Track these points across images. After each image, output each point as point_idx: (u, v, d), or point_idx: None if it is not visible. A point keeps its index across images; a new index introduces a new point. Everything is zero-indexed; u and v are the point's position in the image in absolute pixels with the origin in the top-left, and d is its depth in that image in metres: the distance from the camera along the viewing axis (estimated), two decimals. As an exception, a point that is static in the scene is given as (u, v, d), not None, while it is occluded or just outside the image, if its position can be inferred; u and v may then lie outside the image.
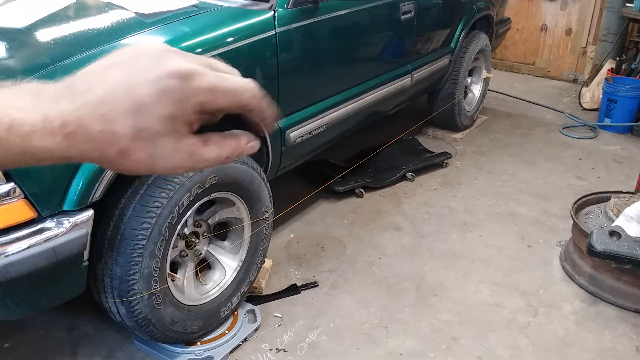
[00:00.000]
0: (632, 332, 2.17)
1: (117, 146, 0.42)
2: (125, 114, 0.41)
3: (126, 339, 2.02)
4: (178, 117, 0.42)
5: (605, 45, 4.75)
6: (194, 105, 0.43)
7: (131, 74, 0.42)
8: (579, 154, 3.77)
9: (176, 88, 0.42)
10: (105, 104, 0.41)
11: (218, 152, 0.46)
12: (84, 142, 0.41)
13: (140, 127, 0.41)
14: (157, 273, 1.72)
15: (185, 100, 0.42)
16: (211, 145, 0.46)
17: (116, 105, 0.41)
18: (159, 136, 0.42)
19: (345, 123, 2.67)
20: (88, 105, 0.41)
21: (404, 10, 2.89)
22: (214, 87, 0.43)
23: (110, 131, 0.41)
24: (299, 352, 2.01)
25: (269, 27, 2.08)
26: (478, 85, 4.15)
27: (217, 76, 0.44)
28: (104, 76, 0.42)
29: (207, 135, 0.46)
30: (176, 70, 0.42)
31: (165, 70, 0.42)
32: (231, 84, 0.44)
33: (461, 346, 2.07)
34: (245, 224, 2.04)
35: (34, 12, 1.93)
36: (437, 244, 2.70)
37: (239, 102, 0.45)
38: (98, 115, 0.41)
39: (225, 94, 0.44)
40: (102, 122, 0.41)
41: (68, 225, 1.48)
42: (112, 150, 0.42)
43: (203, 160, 0.45)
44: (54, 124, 0.40)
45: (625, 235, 2.14)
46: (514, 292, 2.37)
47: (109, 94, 0.41)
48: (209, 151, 0.46)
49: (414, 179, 3.28)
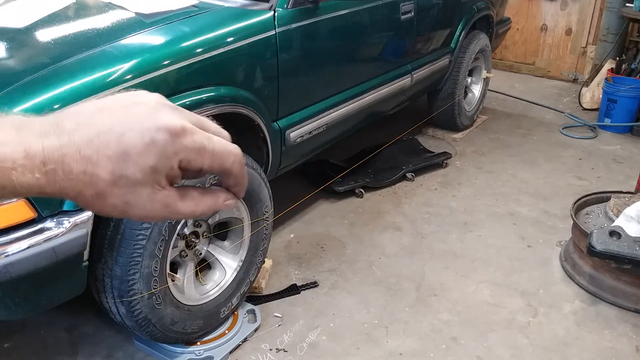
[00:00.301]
0: (632, 332, 2.17)
1: (95, 189, 0.42)
2: (109, 159, 0.42)
3: (126, 339, 2.02)
4: (160, 170, 0.43)
5: (605, 45, 4.75)
6: (179, 162, 0.43)
7: (123, 121, 0.42)
8: (579, 154, 3.77)
9: (164, 142, 0.42)
10: (92, 146, 0.41)
11: (194, 208, 0.47)
12: (63, 180, 0.42)
13: (121, 174, 0.42)
14: (157, 273, 1.72)
15: (172, 155, 0.43)
16: (188, 200, 0.46)
17: (102, 149, 0.41)
18: (137, 185, 0.43)
19: (345, 123, 2.67)
20: (73, 145, 0.41)
21: (404, 10, 2.90)
22: (202, 147, 0.44)
23: (92, 173, 0.42)
24: (299, 352, 2.01)
25: (269, 27, 2.08)
26: (478, 85, 4.15)
27: (207, 137, 0.45)
28: (95, 118, 0.43)
29: (186, 189, 0.47)
30: (167, 125, 0.42)
31: (157, 123, 0.42)
32: (219, 147, 0.45)
33: (461, 346, 2.07)
34: (245, 224, 2.04)
35: (34, 12, 1.93)
36: (437, 244, 2.70)
37: (222, 166, 0.46)
38: (82, 156, 0.41)
39: (212, 155, 0.45)
40: (84, 163, 0.41)
41: (68, 225, 1.48)
42: (90, 192, 0.42)
43: (177, 213, 0.46)
44: (36, 161, 0.41)
45: (625, 235, 2.14)
46: (514, 292, 2.37)
47: (97, 137, 0.42)
48: (185, 205, 0.46)
49: (414, 179, 3.28)
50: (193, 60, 1.79)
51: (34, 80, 1.52)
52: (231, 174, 0.47)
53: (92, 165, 0.41)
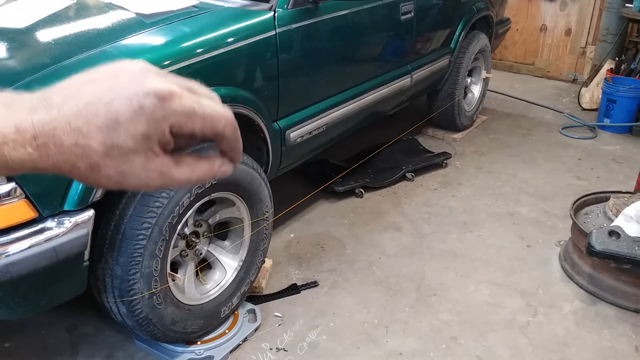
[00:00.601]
0: (632, 331, 2.17)
1: (88, 160, 0.42)
2: (99, 129, 0.41)
3: (127, 339, 2.02)
4: (152, 136, 0.42)
5: (604, 45, 4.75)
6: (170, 127, 0.43)
7: (110, 90, 0.42)
8: (579, 154, 3.77)
9: (153, 107, 0.42)
10: (81, 117, 0.41)
11: (189, 174, 0.46)
12: (56, 154, 0.41)
13: (112, 144, 0.41)
14: (157, 273, 1.72)
15: (161, 120, 0.42)
16: (183, 167, 0.46)
17: (91, 119, 0.41)
18: (130, 154, 0.42)
19: (345, 123, 2.67)
20: (63, 118, 0.41)
21: (404, 10, 2.90)
22: (191, 111, 0.43)
23: (83, 145, 0.41)
24: (299, 352, 2.01)
25: (269, 27, 2.08)
26: (478, 85, 4.16)
27: (196, 100, 0.44)
28: (82, 90, 0.42)
29: (181, 155, 0.46)
30: (155, 90, 0.42)
31: (144, 89, 0.42)
32: (209, 110, 0.44)
33: (461, 346, 2.07)
34: (246, 224, 2.05)
35: (34, 12, 1.93)
36: (437, 244, 2.70)
37: (214, 129, 0.45)
38: (72, 129, 0.41)
39: (202, 119, 0.44)
40: (75, 135, 0.41)
41: (69, 225, 1.48)
42: (83, 164, 0.42)
43: (173, 180, 0.45)
44: (26, 135, 0.40)
45: (624, 235, 2.14)
46: (513, 292, 2.38)
47: (85, 108, 0.41)
48: (180, 172, 0.46)
49: (413, 179, 3.28)
50: (193, 61, 1.79)
51: (34, 80, 1.52)
52: (224, 138, 0.46)
53: (83, 137, 0.41)
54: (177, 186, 0.46)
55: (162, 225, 1.69)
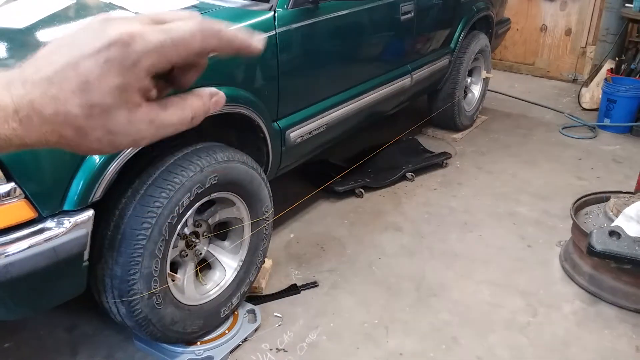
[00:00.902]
0: (632, 332, 2.17)
1: (72, 126, 0.40)
2: (73, 93, 0.40)
3: (126, 339, 2.02)
4: (128, 86, 0.40)
5: (604, 45, 4.75)
6: (143, 70, 0.40)
7: (74, 51, 0.40)
8: (579, 154, 3.77)
9: (119, 56, 0.39)
10: (53, 84, 0.40)
11: (181, 114, 0.43)
12: (41, 125, 0.40)
13: (90, 104, 0.40)
14: (157, 273, 1.72)
15: (131, 66, 0.40)
16: (171, 108, 0.43)
17: (64, 84, 0.40)
18: (111, 110, 0.40)
19: (345, 123, 2.67)
20: (37, 88, 0.40)
21: (404, 10, 2.90)
22: (159, 43, 0.40)
23: (63, 112, 0.40)
24: (299, 352, 2.01)
25: (269, 27, 2.08)
26: (478, 85, 4.16)
27: (160, 30, 0.40)
28: (51, 58, 0.41)
29: (165, 99, 0.43)
30: (115, 38, 0.39)
31: (105, 40, 0.39)
32: (177, 34, 0.40)
33: (461, 346, 2.07)
34: (245, 224, 2.05)
35: (34, 12, 1.93)
36: (437, 244, 2.70)
37: (193, 50, 0.41)
38: (49, 97, 0.40)
39: (174, 47, 0.40)
40: (53, 103, 0.40)
41: (68, 225, 1.48)
42: (69, 131, 0.41)
43: (166, 125, 0.43)
44: (8, 110, 0.40)
45: (624, 235, 2.14)
46: (514, 292, 2.37)
47: (55, 75, 0.40)
48: (171, 114, 0.43)
49: (414, 179, 3.28)
50: (193, 61, 1.79)
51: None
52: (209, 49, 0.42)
53: (60, 103, 0.40)
54: (172, 132, 0.43)
55: (162, 226, 1.69)
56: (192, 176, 1.73)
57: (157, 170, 1.70)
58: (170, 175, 1.71)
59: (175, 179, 1.71)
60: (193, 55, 0.42)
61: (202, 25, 0.41)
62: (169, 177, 1.70)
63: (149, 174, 1.70)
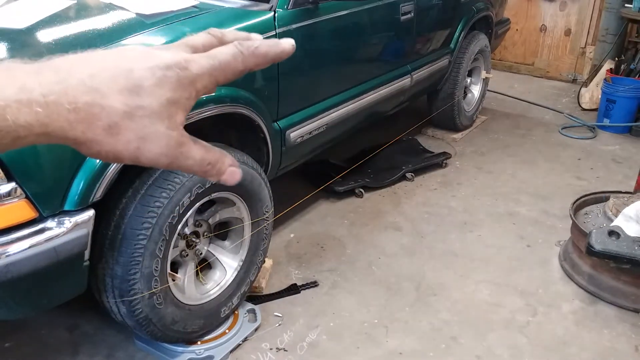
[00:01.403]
0: (631, 331, 2.18)
1: (107, 120, 0.39)
2: (120, 92, 0.39)
3: (127, 339, 2.02)
4: (178, 102, 0.41)
5: (604, 45, 4.75)
6: (196, 91, 0.42)
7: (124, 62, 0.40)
8: (578, 154, 3.77)
9: (176, 75, 0.41)
10: (96, 79, 0.39)
11: (204, 155, 0.44)
12: (69, 112, 0.38)
13: (137, 105, 0.40)
14: (157, 273, 1.72)
15: (188, 85, 0.42)
16: (199, 145, 0.44)
17: (109, 83, 0.39)
18: (154, 116, 0.40)
19: (345, 123, 2.67)
20: (74, 78, 0.39)
21: (404, 11, 2.90)
22: (211, 67, 0.43)
23: (102, 104, 0.39)
24: (299, 352, 2.01)
25: (269, 27, 2.08)
26: (477, 85, 4.16)
27: (208, 56, 0.43)
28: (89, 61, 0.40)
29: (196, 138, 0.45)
30: (173, 62, 0.41)
31: (161, 62, 0.41)
32: (223, 58, 0.44)
33: (461, 345, 2.07)
34: (246, 224, 2.05)
35: (35, 12, 1.93)
36: (437, 243, 2.71)
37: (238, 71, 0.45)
38: (87, 87, 0.39)
39: (222, 71, 0.44)
40: (92, 94, 0.39)
41: (69, 225, 1.49)
42: (100, 124, 0.39)
43: (188, 157, 0.44)
44: (34, 93, 0.37)
45: (624, 235, 2.15)
46: (513, 291, 2.38)
47: (100, 73, 0.39)
48: (197, 150, 0.44)
49: (413, 179, 3.29)
50: (193, 61, 1.79)
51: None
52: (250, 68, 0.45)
53: (101, 96, 0.39)
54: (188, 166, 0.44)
55: (162, 225, 1.69)
56: (193, 176, 1.74)
57: (157, 170, 1.71)
58: (171, 175, 1.71)
59: (175, 178, 1.71)
60: (237, 75, 0.45)
61: (241, 47, 0.44)
62: (169, 177, 1.71)
63: (149, 173, 1.71)
